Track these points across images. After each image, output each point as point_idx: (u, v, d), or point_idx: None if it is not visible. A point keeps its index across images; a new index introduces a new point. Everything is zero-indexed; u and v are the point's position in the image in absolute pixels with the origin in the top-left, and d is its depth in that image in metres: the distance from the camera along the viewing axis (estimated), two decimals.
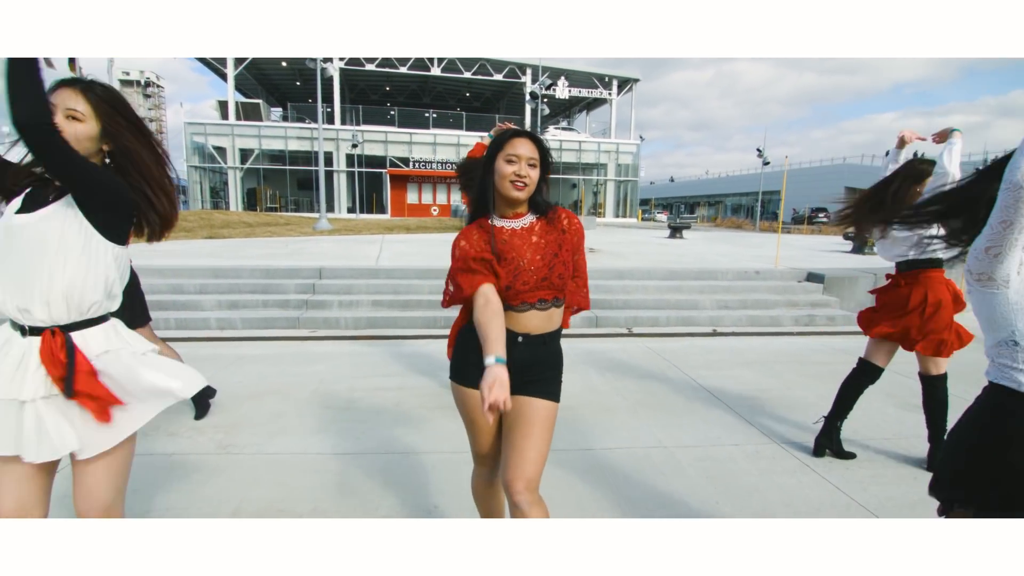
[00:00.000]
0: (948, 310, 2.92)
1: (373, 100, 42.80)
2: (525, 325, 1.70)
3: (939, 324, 2.90)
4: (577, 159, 39.17)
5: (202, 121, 34.48)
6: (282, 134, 34.17)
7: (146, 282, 6.54)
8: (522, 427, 1.68)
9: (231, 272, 7.02)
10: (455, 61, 36.15)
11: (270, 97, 43.07)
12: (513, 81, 37.93)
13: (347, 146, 33.59)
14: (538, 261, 1.70)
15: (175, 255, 8.57)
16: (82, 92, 1.42)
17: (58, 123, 1.32)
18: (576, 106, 45.58)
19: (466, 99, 44.57)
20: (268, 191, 35.52)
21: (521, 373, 1.67)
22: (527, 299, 1.69)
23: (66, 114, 1.39)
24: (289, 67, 36.03)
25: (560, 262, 1.73)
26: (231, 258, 8.35)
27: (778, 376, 4.74)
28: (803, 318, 6.86)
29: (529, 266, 1.69)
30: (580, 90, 39.28)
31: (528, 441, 1.66)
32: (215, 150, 33.59)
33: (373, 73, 36.44)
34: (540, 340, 1.73)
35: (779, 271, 8.07)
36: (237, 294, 6.54)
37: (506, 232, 1.72)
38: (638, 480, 2.85)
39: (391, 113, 37.88)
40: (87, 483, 1.46)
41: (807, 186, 56.55)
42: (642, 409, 3.86)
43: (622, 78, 39.69)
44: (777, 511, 2.59)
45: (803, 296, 7.41)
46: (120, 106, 1.49)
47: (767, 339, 6.16)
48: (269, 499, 2.59)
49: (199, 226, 15.74)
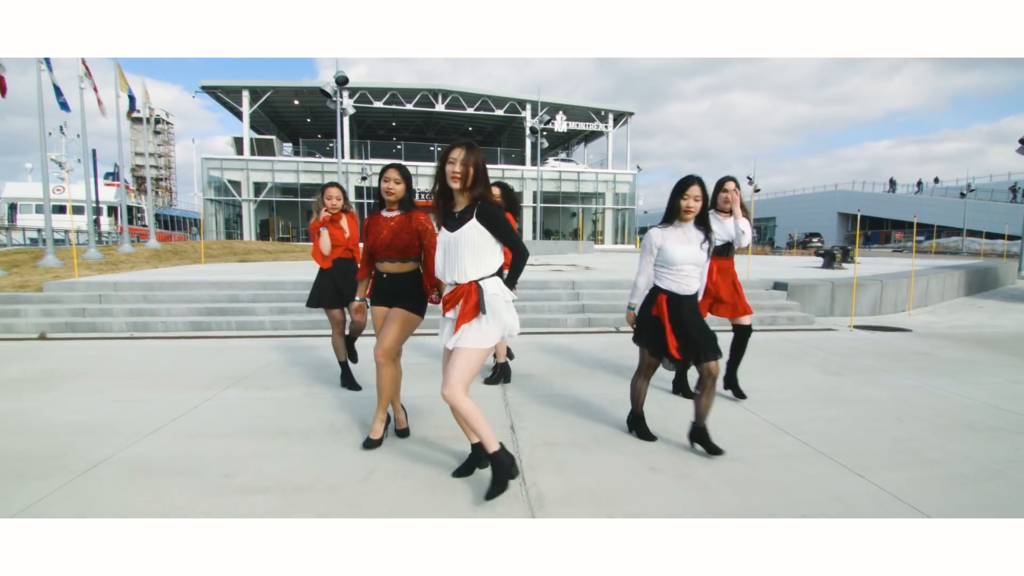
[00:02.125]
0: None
1: (380, 135, 44.65)
2: (387, 269, 3.19)
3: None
4: (576, 189, 40.69)
5: (218, 156, 36.17)
6: (294, 168, 35.85)
7: (206, 293, 7.81)
8: (388, 322, 3.13)
9: (277, 285, 8.21)
10: (458, 97, 37.99)
11: (281, 133, 44.96)
12: (513, 116, 39.72)
13: (356, 179, 35.19)
14: (388, 236, 3.13)
15: (223, 274, 9.79)
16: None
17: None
18: (574, 138, 47.39)
19: (469, 133, 46.41)
20: (280, 222, 37.02)
21: (390, 295, 3.16)
22: (384, 255, 3.17)
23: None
24: (301, 104, 37.92)
25: (401, 238, 3.13)
26: (272, 275, 9.56)
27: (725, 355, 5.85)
28: (767, 319, 7.99)
29: (385, 237, 3.15)
30: (578, 123, 41.08)
31: (388, 328, 3.08)
32: (230, 183, 35.21)
33: (380, 110, 38.29)
34: (396, 277, 3.18)
35: (749, 281, 9.22)
36: (284, 302, 7.72)
37: (380, 219, 3.23)
38: (599, 409, 3.96)
39: (397, 147, 39.61)
40: (454, 359, 2.50)
41: (801, 212, 58.06)
42: (608, 374, 4.98)
43: (617, 111, 41.50)
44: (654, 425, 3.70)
45: (768, 301, 8.55)
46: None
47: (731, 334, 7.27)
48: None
49: (224, 253, 17.03)
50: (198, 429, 3.52)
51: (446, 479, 2.81)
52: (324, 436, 3.41)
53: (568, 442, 3.34)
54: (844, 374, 5.05)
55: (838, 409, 4.01)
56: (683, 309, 3.08)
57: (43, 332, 6.92)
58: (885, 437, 3.44)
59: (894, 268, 12.87)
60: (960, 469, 2.97)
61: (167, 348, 6.09)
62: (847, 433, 3.51)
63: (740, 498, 2.63)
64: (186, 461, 3.01)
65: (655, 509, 2.52)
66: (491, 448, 2.53)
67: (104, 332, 7.04)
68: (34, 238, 27.46)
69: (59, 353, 5.78)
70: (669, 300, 3.08)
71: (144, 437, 3.35)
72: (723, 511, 2.50)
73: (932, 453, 3.20)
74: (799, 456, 3.14)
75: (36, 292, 8.00)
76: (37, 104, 11.94)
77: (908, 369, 5.23)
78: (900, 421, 3.75)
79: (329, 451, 3.17)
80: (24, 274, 10.43)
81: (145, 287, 8.11)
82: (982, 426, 3.66)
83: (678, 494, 2.68)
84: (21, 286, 8.48)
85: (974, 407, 4.07)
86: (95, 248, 13.81)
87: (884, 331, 7.49)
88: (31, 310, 7.38)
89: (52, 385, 4.52)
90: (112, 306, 7.53)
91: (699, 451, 3.19)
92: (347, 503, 2.55)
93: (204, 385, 4.51)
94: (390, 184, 3.22)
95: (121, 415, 3.75)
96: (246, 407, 3.97)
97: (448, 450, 3.19)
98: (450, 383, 2.43)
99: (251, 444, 3.27)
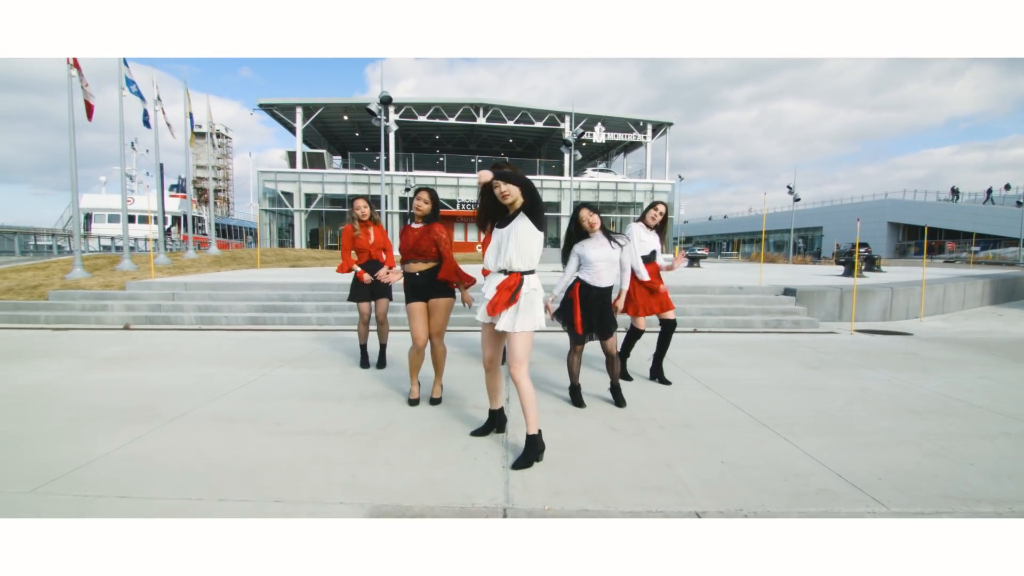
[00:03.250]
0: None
1: (424, 148, 46.27)
2: (412, 268, 4.04)
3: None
4: (614, 199, 41.10)
5: (273, 169, 38.38)
6: (343, 180, 37.68)
7: (261, 293, 8.86)
8: (432, 312, 4.04)
9: (323, 287, 9.21)
10: (499, 110, 39.11)
11: (331, 147, 47.14)
12: (552, 128, 40.54)
13: (400, 190, 36.74)
14: (412, 242, 4.01)
15: (276, 277, 10.91)
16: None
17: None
18: (613, 149, 47.81)
19: (509, 145, 47.51)
20: (329, 231, 38.88)
21: (424, 288, 3.99)
22: (408, 257, 4.04)
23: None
24: (350, 120, 39.84)
25: (421, 244, 4.00)
26: (319, 278, 10.61)
27: (727, 352, 6.41)
28: (772, 322, 8.44)
29: (410, 243, 4.01)
30: (616, 134, 41.54)
31: (433, 315, 4.01)
32: (283, 195, 37.31)
33: (424, 124, 39.81)
34: (423, 273, 4.01)
35: (760, 287, 9.67)
36: (328, 301, 8.69)
37: (409, 229, 4.09)
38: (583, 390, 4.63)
39: (440, 159, 41.05)
40: (510, 346, 3.13)
41: (849, 221, 56.51)
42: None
43: (656, 122, 41.75)
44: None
45: (776, 306, 8.99)
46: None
47: (736, 335, 7.79)
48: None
49: (278, 259, 18.40)
50: (257, 394, 4.40)
51: (445, 431, 3.57)
52: (356, 401, 4.23)
53: (550, 411, 4.05)
54: (821, 368, 5.55)
55: (798, 395, 4.57)
56: (591, 295, 4.11)
57: (127, 323, 8.08)
58: (825, 415, 4.00)
59: (918, 277, 12.93)
60: (877, 438, 3.53)
61: (229, 338, 7.10)
62: (794, 412, 4.08)
63: (679, 451, 3.28)
64: (250, 414, 3.88)
65: (608, 456, 3.21)
66: (531, 430, 3.09)
67: (177, 324, 8.15)
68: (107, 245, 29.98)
69: (142, 340, 6.86)
70: (582, 287, 4.13)
71: (216, 399, 4.25)
72: (661, 459, 3.16)
73: (859, 426, 3.76)
74: (741, 425, 3.76)
75: (120, 290, 9.24)
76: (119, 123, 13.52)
77: (885, 366, 5.69)
78: (848, 404, 4.29)
79: (359, 411, 3.99)
80: (105, 276, 11.81)
81: (210, 287, 9.24)
82: (922, 410, 4.16)
83: (628, 446, 3.36)
84: (106, 285, 9.76)
85: (926, 396, 4.55)
86: (164, 255, 15.32)
87: (883, 335, 7.84)
88: (116, 305, 8.58)
89: (141, 363, 5.53)
90: (183, 303, 8.66)
91: (652, 420, 3.84)
92: (368, 443, 3.34)
93: (260, 365, 5.43)
94: (420, 203, 4.11)
95: (197, 384, 4.68)
96: (294, 380, 4.85)
97: (451, 414, 3.96)
98: (516, 364, 3.04)
99: (297, 405, 4.12)
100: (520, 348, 3.05)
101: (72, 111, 10.42)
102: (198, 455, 3.14)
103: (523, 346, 3.06)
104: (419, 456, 3.16)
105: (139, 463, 3.02)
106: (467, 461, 3.10)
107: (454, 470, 2.97)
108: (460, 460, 3.12)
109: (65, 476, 2.82)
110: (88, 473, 2.88)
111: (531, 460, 3.04)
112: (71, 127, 10.39)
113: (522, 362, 3.05)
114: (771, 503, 2.61)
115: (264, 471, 2.92)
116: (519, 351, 3.05)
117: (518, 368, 3.04)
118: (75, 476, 2.83)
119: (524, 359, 3.06)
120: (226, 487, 2.71)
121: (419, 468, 3.00)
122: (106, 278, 11.16)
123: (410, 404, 4.14)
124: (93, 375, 5.01)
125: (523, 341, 3.06)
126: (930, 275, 13.43)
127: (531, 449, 3.07)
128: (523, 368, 3.05)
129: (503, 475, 2.91)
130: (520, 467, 3.00)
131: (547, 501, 2.61)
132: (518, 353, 3.04)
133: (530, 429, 3.09)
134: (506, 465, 3.04)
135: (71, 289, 9.30)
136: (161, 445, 3.28)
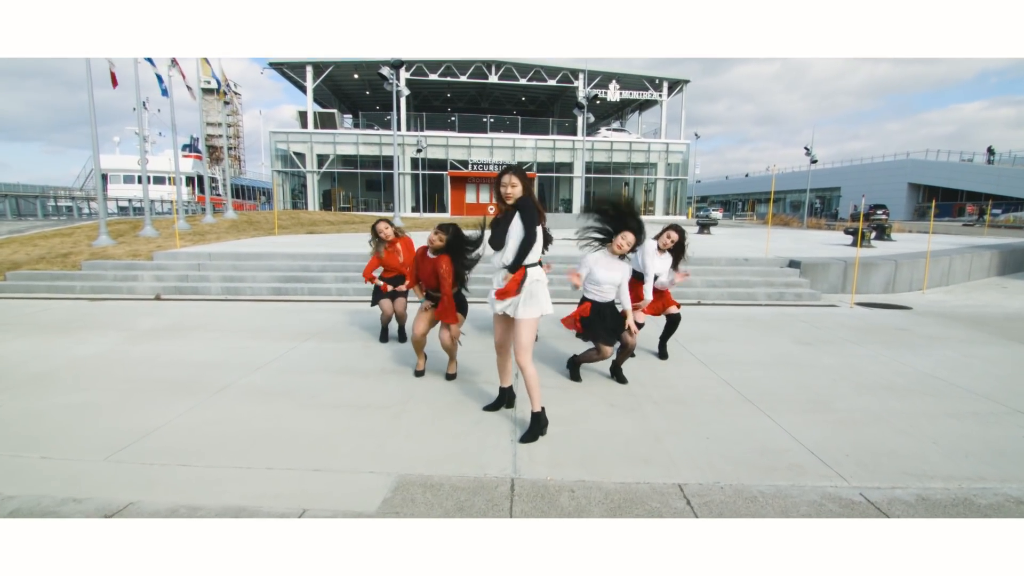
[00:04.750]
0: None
1: (435, 106, 45.78)
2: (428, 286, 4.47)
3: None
4: (628, 159, 40.70)
5: (284, 130, 38.37)
6: (354, 140, 37.64)
7: (282, 264, 9.26)
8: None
9: (341, 257, 9.60)
10: (511, 68, 38.47)
11: (342, 105, 46.80)
12: (566, 85, 39.86)
13: (412, 150, 36.67)
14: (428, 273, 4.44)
15: (295, 246, 11.31)
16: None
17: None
18: (628, 107, 46.96)
19: (522, 103, 46.83)
20: (341, 192, 39.10)
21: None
22: (427, 284, 4.51)
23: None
24: (360, 79, 39.45)
25: (432, 274, 4.38)
26: (336, 248, 10.99)
27: (726, 327, 6.73)
28: (775, 294, 8.72)
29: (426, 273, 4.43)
30: (631, 92, 40.77)
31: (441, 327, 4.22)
32: (296, 155, 37.43)
33: (435, 82, 39.32)
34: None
35: (766, 259, 9.90)
36: (347, 272, 9.08)
37: (426, 259, 4.43)
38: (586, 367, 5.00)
39: (452, 119, 40.72)
40: (516, 333, 3.48)
41: (869, 182, 55.47)
42: None
43: (672, 79, 40.85)
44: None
45: (780, 278, 9.24)
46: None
47: (738, 309, 8.09)
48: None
49: (293, 224, 18.77)
50: (290, 367, 4.84)
51: (460, 406, 3.98)
52: (378, 375, 4.65)
53: (555, 386, 4.44)
54: (814, 344, 5.88)
55: (787, 371, 4.91)
56: (603, 309, 4.37)
57: (158, 293, 8.56)
58: (809, 392, 4.35)
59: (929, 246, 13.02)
60: (852, 416, 3.88)
61: (257, 309, 7.54)
62: (780, 389, 4.43)
63: (668, 426, 3.66)
64: (285, 387, 4.31)
65: (605, 430, 3.60)
66: (536, 408, 3.46)
67: (204, 295, 8.61)
68: (123, 207, 30.40)
69: (175, 311, 7.32)
70: (593, 304, 4.39)
71: (254, 371, 4.69)
72: (652, 433, 3.55)
73: (838, 403, 4.11)
74: (729, 402, 4.12)
75: (148, 260, 9.70)
76: (135, 89, 13.79)
77: (875, 342, 5.99)
78: (832, 382, 4.63)
79: (382, 385, 4.40)
80: (130, 243, 12.29)
81: (234, 257, 9.67)
82: (901, 388, 4.49)
83: (623, 421, 3.74)
84: (134, 255, 10.23)
85: (908, 374, 4.88)
86: (184, 219, 15.75)
87: (882, 308, 8.11)
88: (146, 275, 9.05)
89: (180, 334, 5.99)
90: (209, 273, 9.11)
91: (647, 396, 4.22)
92: (392, 416, 3.76)
93: (290, 338, 5.86)
94: (434, 238, 4.38)
95: (234, 357, 5.13)
96: (322, 354, 5.28)
97: (464, 389, 4.36)
98: (522, 351, 3.36)
99: (327, 378, 4.55)
100: (524, 335, 3.38)
101: (92, 89, 10.67)
102: (244, 426, 3.58)
103: (527, 333, 3.39)
104: (437, 429, 3.58)
105: (193, 434, 3.46)
106: (479, 434, 3.51)
107: (468, 443, 3.38)
108: (473, 433, 3.52)
109: (132, 446, 3.27)
110: (151, 443, 3.32)
111: (536, 435, 3.42)
112: (91, 110, 10.66)
113: (526, 348, 3.38)
114: (746, 476, 2.99)
115: (303, 441, 3.35)
116: (523, 337, 3.38)
117: (523, 354, 3.38)
118: (141, 446, 3.27)
119: (528, 345, 3.39)
120: (271, 456, 3.15)
121: (437, 441, 3.41)
122: (131, 246, 11.63)
123: (416, 375, 4.61)
124: (138, 347, 5.47)
125: (527, 328, 3.39)
126: (938, 246, 13.49)
127: (536, 425, 3.45)
128: (527, 354, 3.39)
129: (511, 448, 3.32)
130: (527, 441, 3.39)
131: (549, 472, 3.01)
132: (522, 339, 3.38)
133: (535, 407, 3.46)
134: (514, 439, 3.44)
135: (99, 259, 9.77)
136: (210, 417, 3.72)
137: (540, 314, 3.44)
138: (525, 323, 3.39)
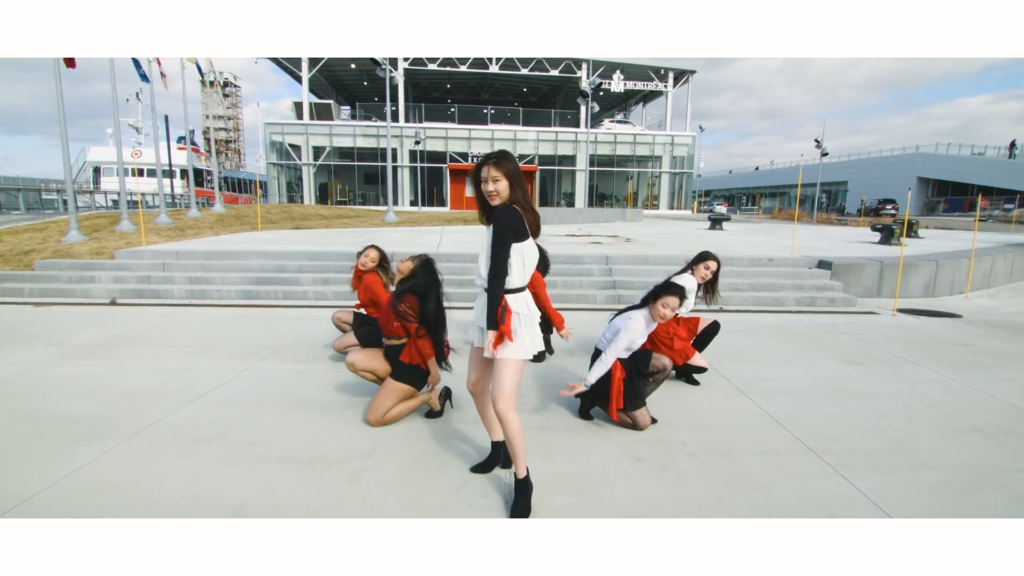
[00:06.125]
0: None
1: (434, 98, 44.72)
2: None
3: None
4: (632, 152, 39.67)
5: (280, 121, 37.37)
6: (351, 132, 36.61)
7: (255, 263, 8.33)
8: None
9: (321, 256, 8.67)
10: (512, 58, 37.40)
11: (339, 96, 45.75)
12: (569, 76, 38.80)
13: (410, 142, 35.66)
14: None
15: (274, 243, 10.38)
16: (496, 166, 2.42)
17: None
18: (632, 99, 45.87)
19: (523, 94, 45.77)
20: (338, 185, 38.13)
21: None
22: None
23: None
24: (357, 69, 38.37)
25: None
26: (319, 245, 10.06)
27: (757, 339, 5.81)
28: (805, 299, 7.79)
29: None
30: (636, 83, 39.70)
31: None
32: (291, 148, 36.43)
33: (434, 72, 38.27)
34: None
35: (792, 259, 8.96)
36: (327, 273, 8.16)
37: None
38: None
39: (451, 110, 39.65)
40: (496, 375, 2.55)
41: (877, 176, 54.30)
42: None
43: (678, 70, 39.75)
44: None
45: (810, 281, 8.30)
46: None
47: (766, 316, 7.16)
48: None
49: (283, 218, 17.85)
50: (233, 398, 3.93)
51: (438, 461, 3.07)
52: (340, 411, 3.73)
53: (561, 427, 3.53)
54: (866, 364, 4.96)
55: (846, 403, 4.00)
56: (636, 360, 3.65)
57: (114, 298, 7.65)
58: (883, 436, 3.43)
59: (961, 244, 12.08)
60: (953, 476, 2.96)
61: (219, 316, 6.63)
62: (845, 430, 3.52)
63: (715, 495, 2.74)
64: (219, 428, 3.40)
65: (630, 504, 2.69)
66: (520, 473, 2.60)
67: (166, 299, 7.70)
68: (116, 200, 29.54)
69: (126, 319, 6.41)
70: (624, 362, 3.57)
71: (187, 404, 3.78)
72: (694, 506, 2.64)
73: (925, 453, 3.19)
74: (786, 452, 3.20)
75: (109, 260, 8.79)
76: (110, 74, 12.86)
77: (936, 361, 5.07)
78: (907, 420, 3.71)
79: (342, 426, 3.49)
80: (102, 239, 11.37)
81: (203, 256, 8.74)
82: (995, 429, 3.58)
83: (654, 487, 2.83)
84: (97, 252, 9.31)
85: (991, 406, 3.96)
86: (166, 214, 14.82)
87: (929, 316, 7.18)
88: (104, 276, 8.14)
89: (119, 351, 5.08)
90: (174, 274, 8.19)
91: (681, 443, 3.31)
92: (348, 477, 2.85)
93: (245, 356, 4.95)
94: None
95: (171, 382, 4.22)
96: (277, 379, 4.36)
97: (448, 432, 3.45)
98: (502, 397, 2.47)
99: (276, 415, 3.63)
100: (505, 378, 2.47)
101: (60, 80, 9.74)
102: (147, 491, 2.68)
103: (509, 376, 2.47)
104: (405, 499, 2.67)
105: (79, 501, 2.56)
106: (461, 508, 2.61)
107: (443, 523, 2.47)
108: (453, 507, 2.62)
109: None
110: (22, 511, 2.42)
111: (527, 507, 2.56)
112: (60, 103, 9.74)
113: (508, 394, 2.47)
114: None
115: (216, 517, 2.45)
116: (504, 381, 2.47)
117: (502, 400, 2.46)
118: None
119: (510, 391, 2.48)
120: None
121: (402, 516, 2.50)
122: (101, 242, 10.71)
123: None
124: (62, 368, 4.56)
125: (509, 370, 2.48)
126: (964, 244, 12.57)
127: (522, 494, 2.58)
128: (509, 401, 2.48)
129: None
130: (518, 516, 2.52)
131: None
132: (503, 383, 2.47)
133: (519, 472, 2.58)
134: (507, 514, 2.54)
135: (62, 257, 8.86)
136: (110, 475, 2.81)
137: (525, 356, 2.53)
138: (505, 364, 2.48)
